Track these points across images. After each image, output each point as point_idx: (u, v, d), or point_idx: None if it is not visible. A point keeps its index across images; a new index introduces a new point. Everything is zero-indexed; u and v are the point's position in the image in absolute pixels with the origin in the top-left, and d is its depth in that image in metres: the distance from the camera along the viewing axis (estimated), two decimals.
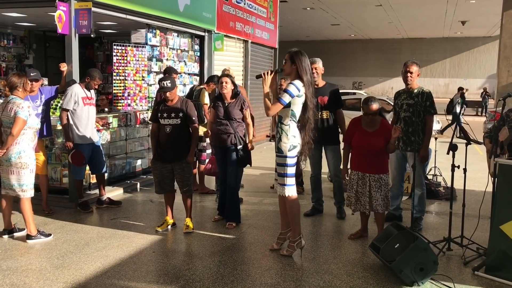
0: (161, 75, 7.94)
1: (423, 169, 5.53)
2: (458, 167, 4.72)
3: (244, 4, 11.53)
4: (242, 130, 5.61)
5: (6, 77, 5.21)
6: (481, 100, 26.15)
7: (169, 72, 6.73)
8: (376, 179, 4.86)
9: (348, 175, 5.13)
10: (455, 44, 37.19)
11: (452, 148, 4.70)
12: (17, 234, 5.12)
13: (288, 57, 4.45)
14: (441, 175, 7.55)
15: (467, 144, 4.85)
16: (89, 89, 6.04)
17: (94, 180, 6.64)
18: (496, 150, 4.35)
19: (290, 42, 30.32)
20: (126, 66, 8.00)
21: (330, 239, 5.20)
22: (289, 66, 4.45)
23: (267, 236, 5.22)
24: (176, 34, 8.98)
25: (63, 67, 6.13)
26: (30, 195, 4.96)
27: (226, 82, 5.52)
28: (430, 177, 7.47)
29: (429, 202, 6.42)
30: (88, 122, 6.02)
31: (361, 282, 4.06)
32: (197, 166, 7.02)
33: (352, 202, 5.00)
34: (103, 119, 6.75)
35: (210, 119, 5.71)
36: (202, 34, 9.76)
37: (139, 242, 4.96)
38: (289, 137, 4.38)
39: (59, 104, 6.60)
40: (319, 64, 5.78)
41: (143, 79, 8.21)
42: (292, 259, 4.53)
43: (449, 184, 5.60)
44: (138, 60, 8.07)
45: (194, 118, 5.22)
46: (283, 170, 4.45)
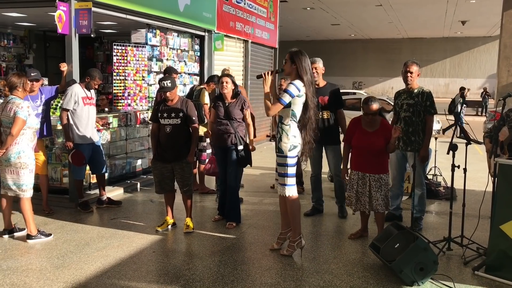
0: (161, 75, 7.94)
1: (423, 169, 5.53)
2: (458, 167, 4.72)
3: (244, 4, 11.53)
4: (242, 130, 5.61)
5: (6, 77, 5.22)
6: (481, 100, 26.14)
7: (169, 72, 6.74)
8: (376, 179, 4.86)
9: (348, 175, 5.13)
10: (455, 44, 37.19)
11: (452, 148, 4.70)
12: (17, 234, 5.12)
13: (288, 57, 4.46)
14: (441, 175, 7.55)
15: (467, 144, 4.84)
16: (89, 89, 6.04)
17: (94, 180, 6.64)
18: (496, 150, 4.35)
19: (290, 42, 30.32)
20: (126, 66, 8.00)
21: (330, 239, 5.21)
22: (289, 66, 4.45)
23: (267, 236, 5.22)
24: (176, 34, 8.98)
25: (63, 67, 6.14)
26: (30, 195, 4.96)
27: (227, 82, 5.51)
28: (430, 177, 7.46)
29: (429, 202, 6.42)
30: (88, 122, 6.02)
31: (361, 282, 4.06)
32: (197, 166, 7.03)
33: (353, 202, 5.00)
34: (103, 119, 6.75)
35: (211, 119, 5.71)
36: (202, 34, 9.76)
37: (139, 242, 4.96)
38: (289, 137, 4.38)
39: (59, 104, 6.60)
40: (320, 64, 5.78)
41: (143, 79, 8.21)
42: (292, 259, 4.53)
43: (449, 184, 5.60)
44: (138, 60, 8.07)
45: (194, 118, 5.22)
46: (283, 170, 4.46)
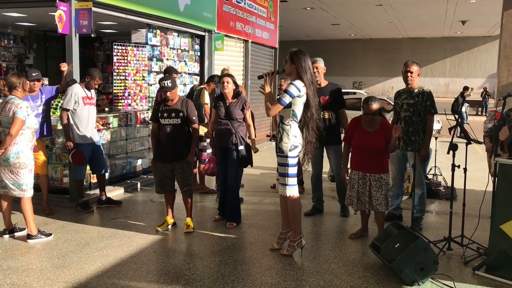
0: (161, 75, 7.95)
1: (423, 168, 5.53)
2: (459, 166, 4.72)
3: (244, 4, 11.53)
4: (243, 130, 5.61)
5: (6, 77, 5.22)
6: (481, 99, 26.14)
7: (169, 72, 6.74)
8: (377, 179, 4.86)
9: (348, 175, 5.13)
10: (455, 43, 37.17)
11: (452, 147, 4.70)
12: (17, 234, 5.12)
13: (288, 57, 4.46)
14: (441, 175, 7.55)
15: (467, 144, 4.84)
16: (89, 88, 6.04)
17: (94, 180, 6.64)
18: (497, 149, 4.35)
19: (290, 42, 30.31)
20: (127, 66, 8.00)
21: (330, 239, 5.21)
22: (289, 66, 4.46)
23: (268, 235, 5.22)
24: (176, 34, 8.98)
25: (64, 67, 6.14)
26: (30, 194, 4.96)
27: (228, 82, 5.51)
28: (430, 176, 7.47)
29: (429, 202, 6.43)
30: (88, 122, 6.02)
31: (361, 281, 4.06)
32: (197, 166, 7.03)
33: (354, 201, 5.00)
34: (103, 119, 6.76)
35: (212, 119, 5.71)
36: (203, 34, 9.76)
37: (140, 242, 4.96)
38: (290, 137, 4.38)
39: (60, 104, 6.60)
40: (321, 63, 5.78)
41: (143, 79, 8.21)
42: (292, 259, 4.53)
43: (449, 184, 5.60)
44: (138, 60, 8.08)
45: (194, 118, 5.22)
46: (284, 170, 4.46)
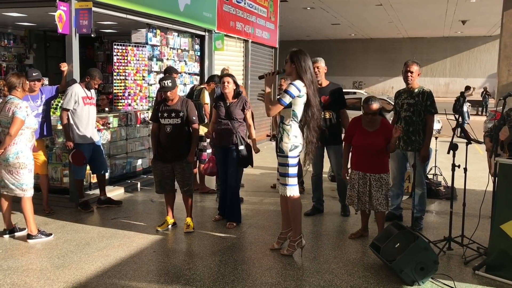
0: (161, 75, 7.95)
1: (423, 168, 5.53)
2: (459, 166, 4.72)
3: (245, 3, 11.53)
4: (243, 130, 5.60)
5: (5, 77, 5.22)
6: (481, 99, 26.14)
7: (169, 72, 6.74)
8: (377, 179, 4.86)
9: (348, 175, 5.13)
10: (455, 43, 37.17)
11: (453, 147, 4.69)
12: (17, 234, 5.12)
13: (289, 57, 4.46)
14: (441, 175, 7.55)
15: (467, 144, 4.84)
16: (89, 88, 6.04)
17: (94, 180, 6.64)
18: (497, 149, 4.35)
19: (291, 42, 30.31)
20: (127, 66, 8.00)
21: (330, 239, 5.21)
22: (289, 66, 4.46)
23: (268, 235, 5.22)
24: (176, 34, 8.98)
25: (64, 66, 6.14)
26: (31, 194, 4.96)
27: (228, 82, 5.51)
28: (430, 176, 7.47)
29: (429, 202, 6.43)
30: (88, 122, 6.02)
31: (361, 281, 4.06)
32: (197, 166, 7.03)
33: (355, 201, 5.00)
34: (103, 118, 6.76)
35: (212, 119, 5.70)
36: (203, 33, 9.76)
37: (140, 242, 4.96)
38: (290, 137, 4.38)
39: (60, 104, 6.60)
40: (321, 63, 5.78)
41: (143, 79, 8.21)
42: (292, 259, 4.53)
43: (449, 184, 5.59)
44: (138, 60, 8.08)
45: (194, 118, 5.22)
46: (285, 170, 4.46)
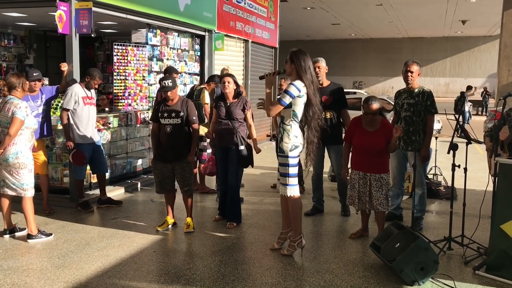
0: (161, 75, 7.95)
1: (423, 168, 5.53)
2: (459, 166, 4.72)
3: (245, 3, 11.53)
4: (243, 130, 5.60)
5: (5, 76, 5.22)
6: (481, 99, 26.13)
7: (169, 72, 6.74)
8: (377, 179, 4.86)
9: (349, 175, 5.13)
10: (455, 43, 37.15)
11: (453, 147, 4.69)
12: (18, 234, 5.12)
13: (289, 57, 4.47)
14: (441, 175, 7.55)
15: (467, 144, 4.84)
16: (89, 88, 6.04)
17: (94, 180, 6.65)
18: (497, 149, 4.35)
19: (291, 42, 30.30)
20: (127, 66, 8.01)
21: (330, 239, 5.21)
22: (289, 66, 4.47)
23: (268, 235, 5.22)
24: (176, 34, 8.98)
25: (64, 66, 6.14)
26: (31, 194, 4.96)
27: (229, 82, 5.51)
28: (430, 176, 7.47)
29: (429, 202, 6.43)
30: (88, 122, 6.02)
31: (361, 281, 4.06)
32: (197, 166, 7.03)
33: (355, 201, 5.00)
34: (103, 118, 6.76)
35: (213, 119, 5.70)
36: (203, 33, 9.76)
37: (140, 242, 4.96)
38: (290, 137, 4.38)
39: (60, 104, 6.60)
40: (322, 63, 5.78)
41: (143, 79, 8.21)
42: (292, 259, 4.53)
43: (449, 184, 5.59)
44: (138, 60, 8.08)
45: (194, 118, 5.22)
46: (285, 170, 4.46)
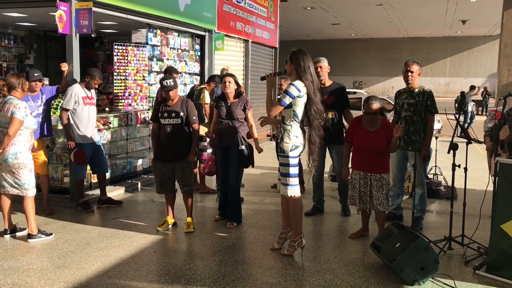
0: (161, 75, 7.95)
1: (424, 168, 5.53)
2: (459, 166, 4.72)
3: (245, 3, 11.53)
4: (244, 130, 5.60)
5: (5, 77, 5.23)
6: (481, 99, 26.13)
7: (169, 72, 6.74)
8: (378, 179, 4.86)
9: (349, 175, 5.13)
10: (455, 43, 37.14)
11: (453, 147, 4.70)
12: (18, 234, 5.13)
13: (289, 57, 4.47)
14: (441, 174, 7.55)
15: (467, 143, 4.85)
16: (89, 88, 6.04)
17: (95, 180, 6.65)
18: (497, 149, 4.35)
19: (291, 42, 30.29)
20: (127, 66, 8.01)
21: (331, 239, 5.21)
22: (289, 66, 4.47)
23: (268, 235, 5.22)
24: (176, 34, 8.98)
25: (64, 67, 6.14)
26: (33, 193, 4.96)
27: (230, 82, 5.52)
28: (430, 176, 7.47)
29: (429, 202, 6.43)
30: (88, 122, 6.02)
31: (362, 281, 4.06)
32: (197, 166, 7.03)
33: (356, 201, 5.00)
34: (104, 118, 6.76)
35: (213, 119, 5.70)
36: (203, 33, 9.76)
37: (140, 242, 4.97)
38: (291, 137, 4.38)
39: (60, 104, 6.60)
40: (324, 63, 5.78)
41: (143, 79, 8.22)
42: (293, 259, 4.53)
43: (449, 183, 5.59)
44: (138, 60, 8.08)
45: (194, 118, 5.22)
46: (286, 170, 4.46)
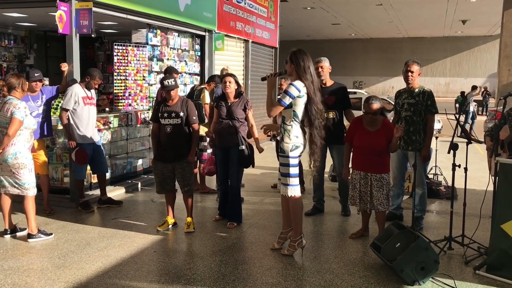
0: (161, 75, 7.95)
1: (424, 168, 5.53)
2: (459, 166, 4.72)
3: (245, 3, 11.53)
4: (244, 130, 5.60)
5: (5, 77, 5.23)
6: (481, 99, 26.12)
7: (169, 72, 6.75)
8: (378, 179, 4.86)
9: (350, 175, 5.12)
10: (455, 43, 37.13)
11: (453, 147, 4.70)
12: (18, 234, 5.13)
13: (289, 57, 4.47)
14: (442, 174, 7.55)
15: (467, 143, 4.85)
16: (89, 88, 6.04)
17: (95, 180, 6.65)
18: (497, 148, 4.35)
19: (291, 42, 30.26)
20: (127, 66, 8.01)
21: (331, 239, 5.21)
22: (289, 66, 4.47)
23: (268, 235, 5.22)
24: (176, 34, 8.98)
25: (64, 67, 6.14)
26: (33, 193, 4.96)
27: (230, 82, 5.52)
28: (431, 176, 7.47)
29: (430, 202, 6.42)
30: (88, 122, 6.02)
31: (362, 281, 4.06)
32: (197, 166, 7.03)
33: (357, 201, 5.00)
34: (104, 118, 6.76)
35: (214, 119, 5.70)
36: (203, 33, 9.77)
37: (140, 242, 4.97)
38: (291, 137, 4.38)
39: (60, 104, 6.60)
40: (325, 63, 5.77)
41: (144, 79, 8.22)
42: (293, 259, 4.53)
43: (450, 183, 5.59)
44: (139, 60, 8.08)
45: (194, 118, 5.22)
46: (286, 170, 4.46)
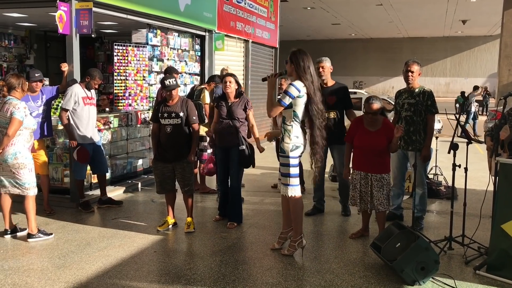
0: (162, 75, 7.95)
1: (424, 168, 5.53)
2: (459, 166, 4.72)
3: (245, 3, 11.52)
4: (244, 130, 5.60)
5: (5, 77, 5.24)
6: (482, 99, 26.11)
7: (169, 72, 6.75)
8: (378, 179, 4.86)
9: (350, 175, 5.12)
10: (455, 43, 37.11)
11: (453, 147, 4.70)
12: (19, 234, 5.13)
13: (289, 57, 4.47)
14: (442, 174, 7.55)
15: (468, 143, 4.85)
16: (89, 88, 6.05)
17: (95, 180, 6.65)
18: (497, 148, 4.35)
19: (291, 42, 30.24)
20: (127, 66, 8.01)
21: (331, 239, 5.21)
22: (289, 66, 4.47)
23: (268, 235, 5.22)
24: (176, 34, 8.98)
25: (64, 67, 6.14)
26: (34, 193, 4.96)
27: (230, 82, 5.52)
28: (431, 176, 7.47)
29: (430, 202, 6.42)
30: (88, 122, 6.02)
31: (362, 281, 4.06)
32: (198, 166, 7.02)
33: (357, 202, 5.00)
34: (104, 118, 6.76)
35: (214, 119, 5.70)
36: (203, 33, 9.76)
37: (141, 242, 4.97)
38: (291, 137, 4.38)
39: (60, 104, 6.61)
40: (327, 63, 5.77)
41: (144, 79, 8.22)
42: (293, 259, 4.53)
43: (450, 183, 5.59)
44: (139, 60, 8.08)
45: (194, 118, 5.22)
46: (286, 170, 4.46)
